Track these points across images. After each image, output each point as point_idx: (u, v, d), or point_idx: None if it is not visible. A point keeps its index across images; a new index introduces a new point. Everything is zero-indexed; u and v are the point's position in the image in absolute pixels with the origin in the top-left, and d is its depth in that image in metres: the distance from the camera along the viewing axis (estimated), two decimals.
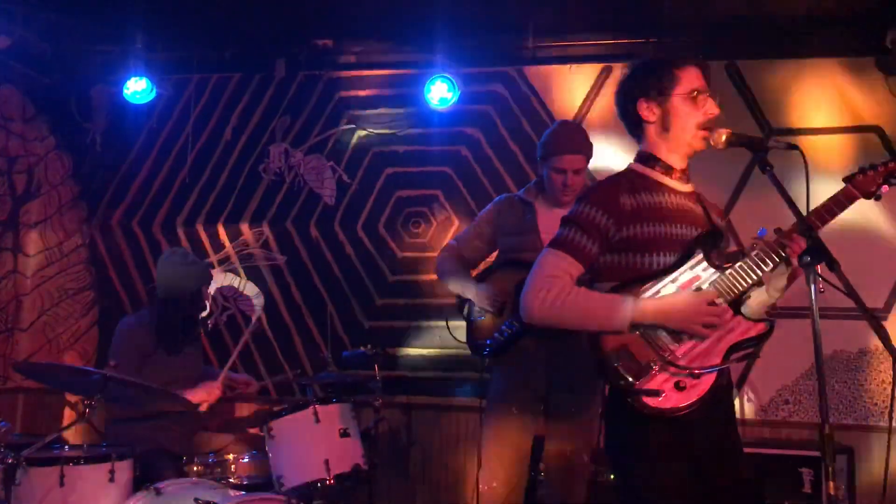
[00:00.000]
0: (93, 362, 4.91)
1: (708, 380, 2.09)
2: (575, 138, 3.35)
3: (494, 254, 3.57)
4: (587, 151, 3.35)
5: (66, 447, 3.27)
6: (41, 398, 4.93)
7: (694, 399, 2.08)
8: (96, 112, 5.15)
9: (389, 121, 4.86)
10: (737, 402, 4.29)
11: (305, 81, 4.98)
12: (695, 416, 2.09)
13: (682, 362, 2.11)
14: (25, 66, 4.96)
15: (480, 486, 3.38)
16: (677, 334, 2.13)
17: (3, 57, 4.69)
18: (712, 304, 2.12)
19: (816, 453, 3.76)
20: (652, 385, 2.08)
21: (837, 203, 2.16)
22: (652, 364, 2.10)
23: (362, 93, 4.91)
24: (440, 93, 4.50)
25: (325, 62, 4.90)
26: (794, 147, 2.16)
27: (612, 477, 3.64)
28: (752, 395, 4.28)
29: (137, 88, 4.62)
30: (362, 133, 4.88)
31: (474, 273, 3.55)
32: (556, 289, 2.14)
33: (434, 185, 4.78)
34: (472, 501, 3.53)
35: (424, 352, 4.66)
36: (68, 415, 4.88)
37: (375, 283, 4.78)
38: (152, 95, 4.73)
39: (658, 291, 2.16)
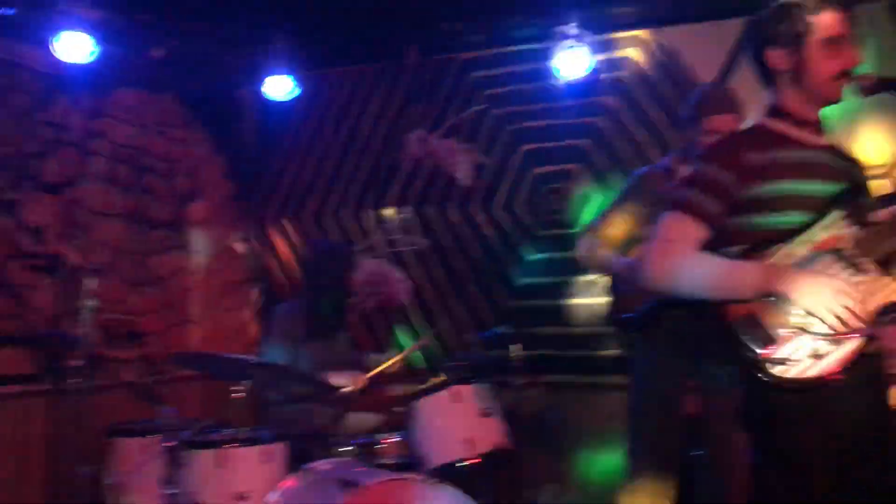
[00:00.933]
0: (256, 349, 5.18)
1: (851, 347, 1.90)
2: (726, 99, 3.17)
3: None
4: (739, 112, 3.16)
5: (225, 430, 3.47)
6: (213, 385, 5.27)
7: (834, 368, 1.90)
8: (246, 113, 5.42)
9: (523, 97, 4.79)
10: None
11: (438, 66, 5.01)
12: (835, 386, 1.91)
13: (817, 328, 1.93)
14: (181, 75, 5.29)
15: (628, 464, 3.29)
16: None
17: (160, 67, 5.03)
18: (849, 296, 1.92)
19: None
20: (783, 353, 1.92)
21: None
22: (783, 331, 1.93)
23: (495, 72, 4.87)
24: (573, 64, 4.38)
25: (456, 45, 4.89)
26: None
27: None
28: None
29: (281, 87, 4.80)
30: (497, 112, 4.84)
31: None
32: (678, 254, 2.01)
33: (572, 159, 4.66)
34: (621, 484, 3.42)
35: (568, 330, 4.58)
36: (228, 401, 5.17)
37: (515, 262, 4.74)
38: (296, 93, 4.90)
39: (790, 254, 1.98)
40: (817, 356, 1.91)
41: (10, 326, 4.10)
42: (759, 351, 1.93)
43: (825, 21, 2.08)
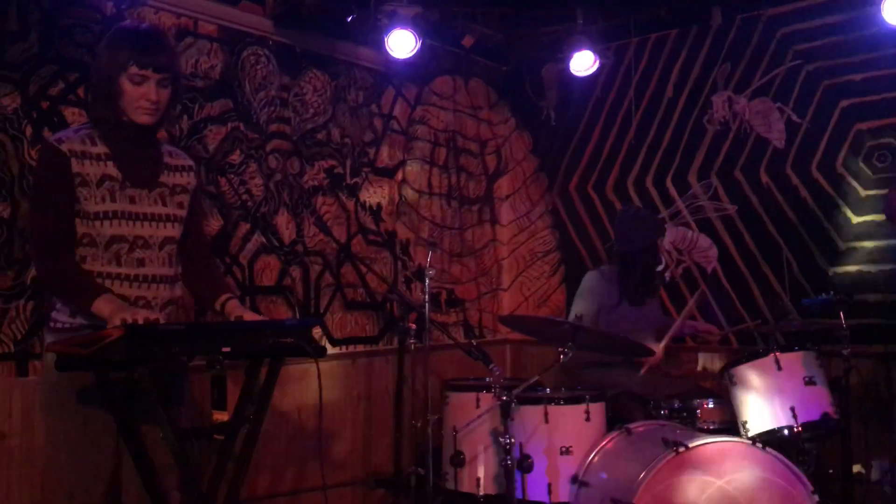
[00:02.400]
0: (562, 315, 5.44)
1: None
2: None
3: None
4: None
5: (548, 389, 3.74)
6: (523, 347, 5.63)
7: None
8: (548, 90, 5.65)
9: (841, 49, 4.48)
10: None
11: (743, 25, 4.84)
12: None
13: None
14: (486, 59, 5.65)
15: None
16: None
17: (469, 54, 5.42)
18: None
19: None
20: None
21: None
22: None
23: (806, 25, 4.61)
24: None
25: (762, 1, 4.70)
26: None
27: None
28: None
29: (582, 62, 4.95)
30: (809, 67, 4.59)
31: None
32: None
33: None
34: None
35: None
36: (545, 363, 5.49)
37: (837, 225, 4.48)
38: (595, 66, 5.02)
39: None
40: None
41: (357, 294, 4.72)
42: None
43: None
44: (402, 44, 4.51)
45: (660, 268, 5.01)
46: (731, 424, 3.53)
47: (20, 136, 3.31)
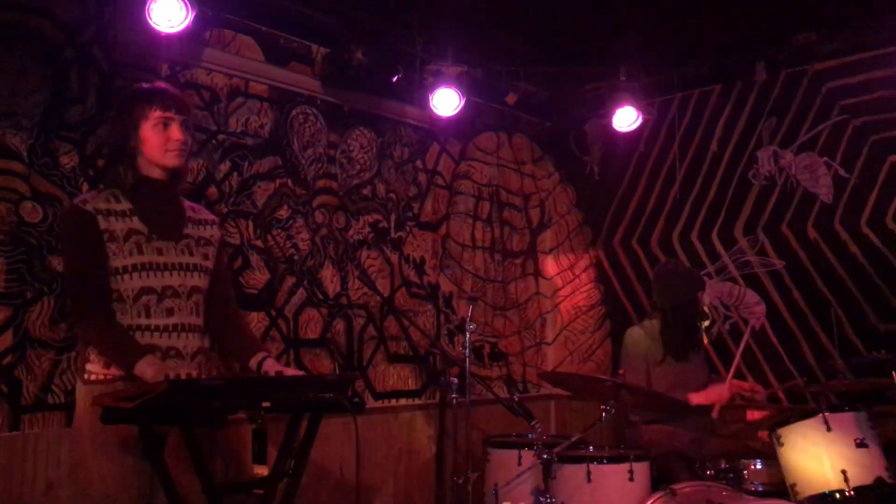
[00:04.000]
0: (608, 371, 5.38)
1: None
2: None
3: None
4: None
5: (591, 447, 3.68)
6: (568, 403, 5.57)
7: None
8: (591, 145, 5.69)
9: (887, 104, 4.44)
10: None
11: (788, 80, 4.83)
12: None
13: None
14: (530, 115, 5.72)
15: None
16: None
17: (513, 110, 5.50)
18: None
19: None
20: None
21: None
22: None
23: (852, 80, 4.58)
24: None
25: (807, 56, 4.69)
26: None
27: None
28: None
29: (625, 117, 4.98)
30: (856, 122, 4.55)
31: None
32: None
33: None
34: None
35: None
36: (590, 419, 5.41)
37: (889, 282, 4.38)
38: (639, 122, 5.04)
39: None
40: None
41: (400, 347, 4.74)
42: None
43: None
44: (446, 102, 4.60)
45: (706, 323, 4.95)
46: (779, 487, 3.43)
47: (77, 193, 3.44)
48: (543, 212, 5.91)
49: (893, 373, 3.49)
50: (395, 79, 4.45)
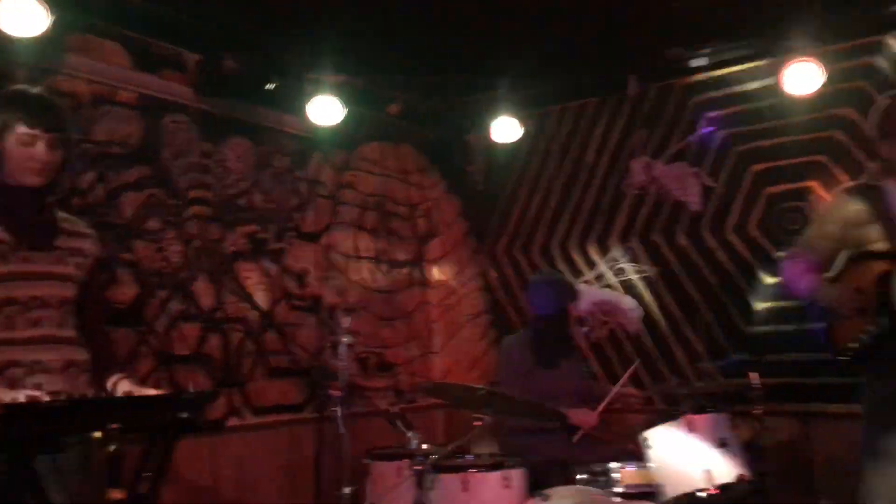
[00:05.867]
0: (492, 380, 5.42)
1: None
2: None
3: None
4: None
5: (469, 456, 3.70)
6: (457, 413, 5.58)
7: None
8: (474, 156, 5.75)
9: (750, 117, 4.67)
10: None
11: (659, 93, 5.01)
12: None
13: None
14: (415, 125, 5.73)
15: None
16: None
17: (397, 121, 5.49)
18: None
19: None
20: None
21: None
22: None
23: (717, 94, 4.79)
24: (801, 78, 4.20)
25: (676, 71, 4.88)
26: None
27: None
28: None
29: (504, 129, 5.05)
30: (722, 134, 4.76)
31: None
32: None
33: (807, 176, 4.47)
34: None
35: (814, 356, 4.34)
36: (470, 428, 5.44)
37: (752, 286, 4.60)
38: (519, 133, 5.12)
39: None
40: None
41: (281, 361, 4.65)
42: None
43: None
44: (326, 111, 4.55)
45: (584, 330, 5.07)
46: (650, 489, 3.53)
47: None
48: (430, 221, 5.93)
49: (750, 374, 3.64)
50: (268, 87, 4.38)
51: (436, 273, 5.89)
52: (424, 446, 3.43)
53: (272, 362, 4.60)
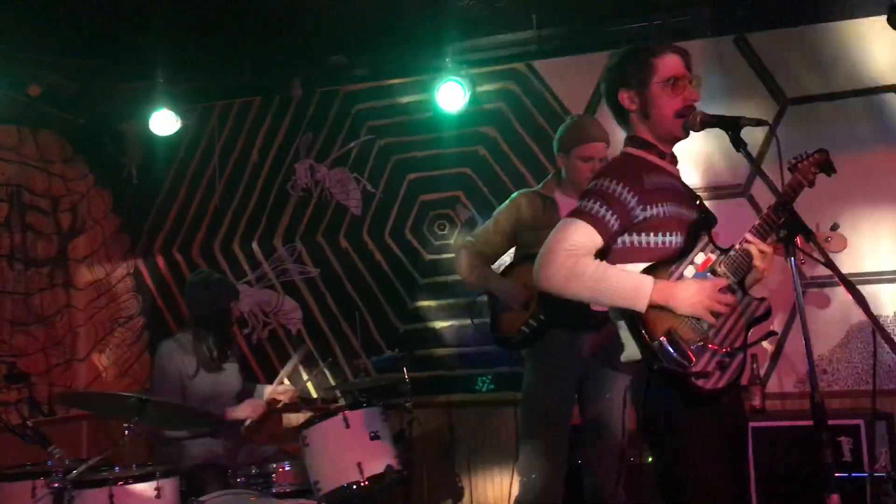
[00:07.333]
0: (147, 385, 5.12)
1: (737, 359, 2.16)
2: (596, 127, 3.42)
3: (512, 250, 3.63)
4: (608, 140, 3.40)
5: (116, 468, 3.45)
6: (104, 424, 5.17)
7: (730, 377, 2.16)
8: (130, 147, 5.38)
9: (406, 128, 4.96)
10: (774, 376, 4.27)
11: (322, 98, 5.12)
12: (726, 394, 2.17)
13: (716, 343, 2.15)
14: (60, 110, 5.21)
15: (519, 476, 3.45)
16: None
17: (38, 104, 4.94)
18: (723, 290, 2.15)
19: (855, 421, 3.76)
20: (700, 367, 2.12)
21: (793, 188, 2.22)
22: (694, 346, 2.13)
23: (378, 104, 5.02)
24: (452, 96, 4.57)
25: (340, 77, 5.02)
26: (764, 123, 2.18)
27: (648, 459, 3.65)
28: (788, 368, 4.25)
29: (163, 121, 4.80)
30: (381, 142, 4.99)
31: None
32: (579, 260, 2.12)
33: (455, 186, 4.86)
34: (511, 493, 3.59)
35: (460, 350, 4.74)
36: (120, 438, 5.10)
37: (406, 287, 4.89)
38: (178, 127, 4.90)
39: (682, 273, 2.19)
40: (721, 368, 2.13)
41: None
42: (688, 365, 2.10)
43: (666, 63, 2.30)
44: None
45: (245, 331, 5.00)
46: (307, 486, 3.59)
47: None
48: (76, 216, 5.43)
49: (405, 368, 3.88)
50: None
51: (83, 273, 5.41)
52: (67, 462, 3.14)
53: None
